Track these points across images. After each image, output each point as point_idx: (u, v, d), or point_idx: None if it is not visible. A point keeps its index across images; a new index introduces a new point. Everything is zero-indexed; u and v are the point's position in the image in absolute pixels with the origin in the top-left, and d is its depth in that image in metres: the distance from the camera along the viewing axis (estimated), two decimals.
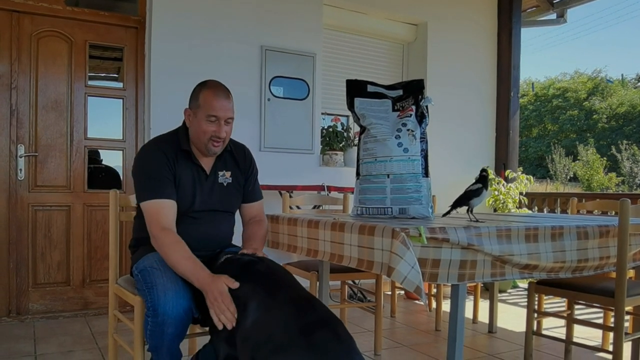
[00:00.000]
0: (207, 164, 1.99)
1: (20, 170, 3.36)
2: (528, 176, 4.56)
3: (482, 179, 2.11)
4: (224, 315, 1.58)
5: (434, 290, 3.67)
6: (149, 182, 1.85)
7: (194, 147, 1.96)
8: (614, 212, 3.33)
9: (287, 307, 1.47)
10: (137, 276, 1.85)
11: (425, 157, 2.18)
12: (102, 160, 3.78)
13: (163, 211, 1.82)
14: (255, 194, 2.15)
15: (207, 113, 1.86)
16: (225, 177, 2.02)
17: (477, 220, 2.07)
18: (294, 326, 1.39)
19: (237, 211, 2.15)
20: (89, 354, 2.70)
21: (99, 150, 3.71)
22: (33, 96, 3.40)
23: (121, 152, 3.66)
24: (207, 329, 1.78)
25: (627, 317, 2.51)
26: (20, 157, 3.36)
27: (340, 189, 3.89)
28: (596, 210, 3.97)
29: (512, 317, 3.61)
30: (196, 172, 1.96)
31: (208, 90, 1.90)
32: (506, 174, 4.72)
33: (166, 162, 1.88)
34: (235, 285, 1.64)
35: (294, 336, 1.36)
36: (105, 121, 3.73)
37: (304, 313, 1.45)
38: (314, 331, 1.37)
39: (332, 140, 4.30)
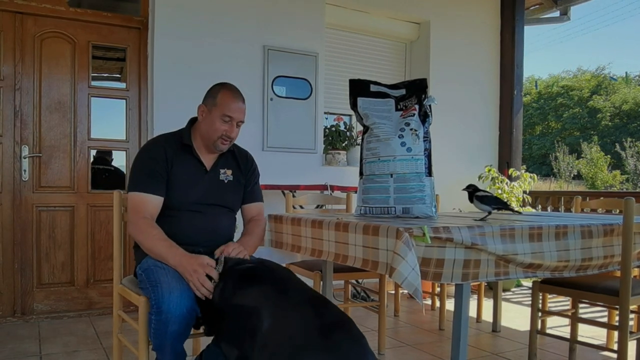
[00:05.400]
0: (208, 160, 2.07)
1: (25, 171, 3.37)
2: (532, 174, 4.54)
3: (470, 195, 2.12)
4: (201, 290, 1.72)
5: (437, 289, 3.67)
6: (140, 175, 1.96)
7: (197, 143, 2.05)
8: (618, 211, 3.32)
9: (303, 309, 1.47)
10: (141, 275, 1.87)
11: (428, 157, 2.17)
12: (106, 161, 3.79)
13: (146, 205, 1.93)
14: (255, 195, 2.22)
15: (223, 112, 1.97)
16: (226, 174, 2.09)
17: (481, 219, 2.06)
18: (312, 327, 1.39)
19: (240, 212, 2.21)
20: (93, 354, 2.71)
21: (103, 151, 3.72)
22: (37, 97, 3.41)
23: (124, 152, 3.67)
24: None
25: (631, 315, 2.50)
26: (25, 158, 3.37)
27: (343, 189, 3.88)
28: (600, 209, 3.96)
29: (516, 316, 3.60)
30: (196, 166, 2.04)
31: (227, 92, 2.00)
32: (509, 172, 4.71)
33: (163, 157, 1.98)
34: (213, 272, 1.74)
35: (313, 337, 1.37)
36: (108, 122, 3.74)
37: (320, 314, 1.45)
38: (331, 332, 1.38)
39: (334, 139, 4.29)
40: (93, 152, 3.62)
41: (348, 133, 4.36)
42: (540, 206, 4.92)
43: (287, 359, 1.36)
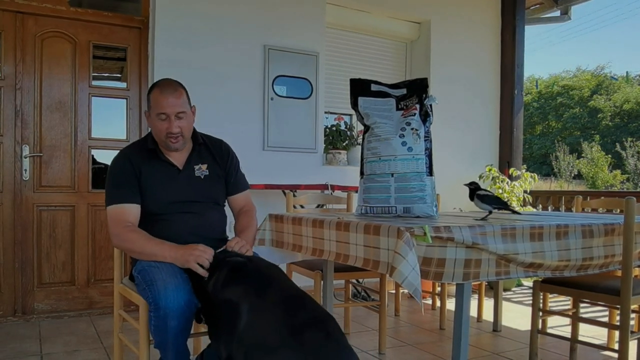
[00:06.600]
0: (178, 159, 2.05)
1: (25, 170, 3.37)
2: (532, 174, 4.54)
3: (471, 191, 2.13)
4: (205, 264, 1.75)
5: (438, 289, 3.67)
6: (111, 190, 1.99)
7: (160, 145, 2.04)
8: (619, 210, 3.32)
9: (277, 308, 1.47)
10: (137, 277, 1.88)
11: (429, 156, 2.17)
12: (104, 161, 3.78)
13: (124, 214, 1.94)
14: (240, 184, 2.20)
15: (157, 112, 1.95)
16: (201, 170, 2.07)
17: (482, 219, 2.06)
18: (284, 327, 1.39)
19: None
20: (94, 353, 2.71)
21: (103, 151, 3.72)
22: (37, 97, 3.41)
23: None
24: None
25: (632, 315, 2.50)
26: (25, 157, 3.37)
27: (343, 188, 3.88)
28: (601, 208, 3.96)
29: (516, 316, 3.60)
30: (166, 167, 2.03)
31: (156, 90, 1.98)
32: (510, 172, 4.71)
33: (129, 167, 1.98)
34: (209, 251, 1.78)
35: (284, 337, 1.36)
36: (108, 121, 3.74)
37: (294, 313, 1.45)
38: (304, 331, 1.37)
39: (335, 139, 4.29)
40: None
41: (349, 132, 4.36)
42: (540, 206, 4.91)
43: (257, 359, 1.36)
